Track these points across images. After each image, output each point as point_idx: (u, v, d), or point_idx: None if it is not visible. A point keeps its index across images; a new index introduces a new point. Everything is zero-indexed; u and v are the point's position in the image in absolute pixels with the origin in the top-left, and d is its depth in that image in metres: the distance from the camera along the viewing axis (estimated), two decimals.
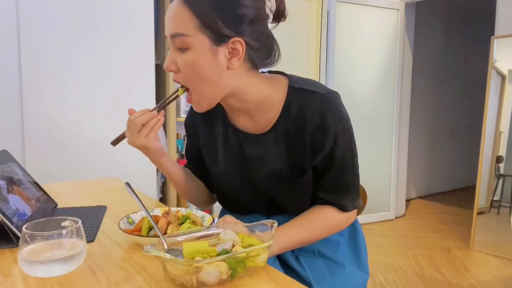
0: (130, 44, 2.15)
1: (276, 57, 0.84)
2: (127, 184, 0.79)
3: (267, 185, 0.90)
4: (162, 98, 2.47)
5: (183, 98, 2.59)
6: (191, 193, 1.02)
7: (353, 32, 3.26)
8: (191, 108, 0.99)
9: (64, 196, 1.22)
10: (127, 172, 2.16)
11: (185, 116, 2.57)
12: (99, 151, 2.10)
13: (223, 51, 0.76)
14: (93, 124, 2.07)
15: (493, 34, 2.79)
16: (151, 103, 2.24)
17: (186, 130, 1.04)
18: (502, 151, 2.80)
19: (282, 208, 0.94)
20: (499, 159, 2.81)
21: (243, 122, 0.89)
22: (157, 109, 0.83)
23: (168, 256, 0.60)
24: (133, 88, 2.18)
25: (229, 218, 0.81)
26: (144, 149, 0.86)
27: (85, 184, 1.42)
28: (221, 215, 1.08)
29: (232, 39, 0.75)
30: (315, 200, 0.91)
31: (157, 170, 2.41)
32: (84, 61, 2.03)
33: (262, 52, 0.81)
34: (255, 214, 0.98)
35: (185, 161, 1.07)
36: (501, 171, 2.80)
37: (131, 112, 0.84)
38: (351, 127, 0.87)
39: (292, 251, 0.93)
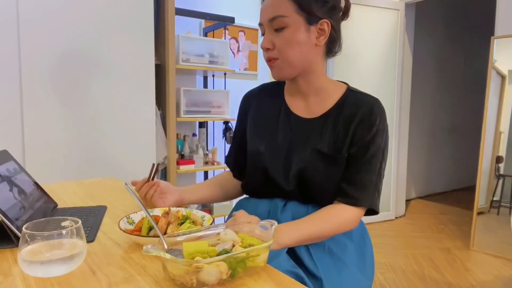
0: (130, 44, 2.15)
1: (341, 47, 1.00)
2: (127, 184, 0.79)
3: (304, 162, 0.95)
4: (162, 98, 2.48)
5: (182, 98, 2.59)
6: (224, 197, 1.16)
7: (353, 32, 3.26)
8: (248, 93, 1.13)
9: (64, 196, 1.22)
10: (127, 172, 2.17)
11: (184, 116, 2.59)
12: (99, 151, 2.10)
13: (313, 30, 0.92)
14: (93, 124, 2.08)
15: (493, 34, 2.79)
16: (151, 103, 2.24)
17: (239, 113, 1.14)
18: (502, 151, 2.80)
19: (308, 193, 0.98)
20: (499, 159, 2.81)
21: (297, 106, 1.01)
22: (150, 179, 1.02)
23: (168, 256, 0.60)
24: (133, 88, 2.18)
25: (239, 217, 0.81)
26: (158, 205, 1.02)
27: (85, 184, 1.41)
28: (236, 207, 1.10)
29: (321, 21, 0.92)
30: (335, 194, 0.95)
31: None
32: (84, 61, 2.03)
33: (336, 37, 0.97)
34: (275, 199, 1.01)
35: (184, 161, 1.07)
36: (501, 171, 2.80)
37: (133, 183, 1.03)
38: (388, 137, 0.98)
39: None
